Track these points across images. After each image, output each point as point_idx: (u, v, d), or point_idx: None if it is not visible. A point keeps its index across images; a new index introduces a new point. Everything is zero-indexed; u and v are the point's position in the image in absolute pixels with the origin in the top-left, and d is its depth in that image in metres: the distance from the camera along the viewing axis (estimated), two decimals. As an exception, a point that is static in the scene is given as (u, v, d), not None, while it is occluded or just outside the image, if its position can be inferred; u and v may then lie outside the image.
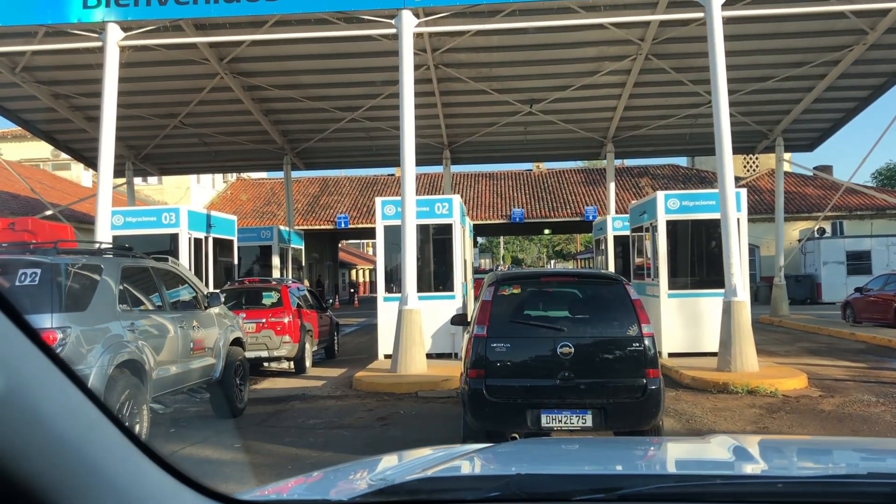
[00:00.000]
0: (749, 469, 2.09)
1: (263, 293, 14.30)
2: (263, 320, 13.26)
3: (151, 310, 8.15)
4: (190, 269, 14.46)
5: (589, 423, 6.28)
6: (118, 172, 23.69)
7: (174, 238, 14.46)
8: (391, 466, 2.17)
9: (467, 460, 2.17)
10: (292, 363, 13.75)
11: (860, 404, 9.48)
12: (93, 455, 1.05)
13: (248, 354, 12.45)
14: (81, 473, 1.03)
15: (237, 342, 9.91)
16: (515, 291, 6.96)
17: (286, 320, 13.32)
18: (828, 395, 10.14)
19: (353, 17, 13.70)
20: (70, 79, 17.97)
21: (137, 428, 7.09)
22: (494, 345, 6.46)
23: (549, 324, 6.77)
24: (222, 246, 16.50)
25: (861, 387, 10.74)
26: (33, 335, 0.99)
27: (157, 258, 8.99)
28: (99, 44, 12.71)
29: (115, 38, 12.60)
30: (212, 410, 9.37)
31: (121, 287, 7.43)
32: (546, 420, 6.29)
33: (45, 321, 6.27)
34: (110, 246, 8.64)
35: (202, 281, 15.25)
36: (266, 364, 13.85)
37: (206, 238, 15.59)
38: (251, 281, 15.54)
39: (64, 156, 27.00)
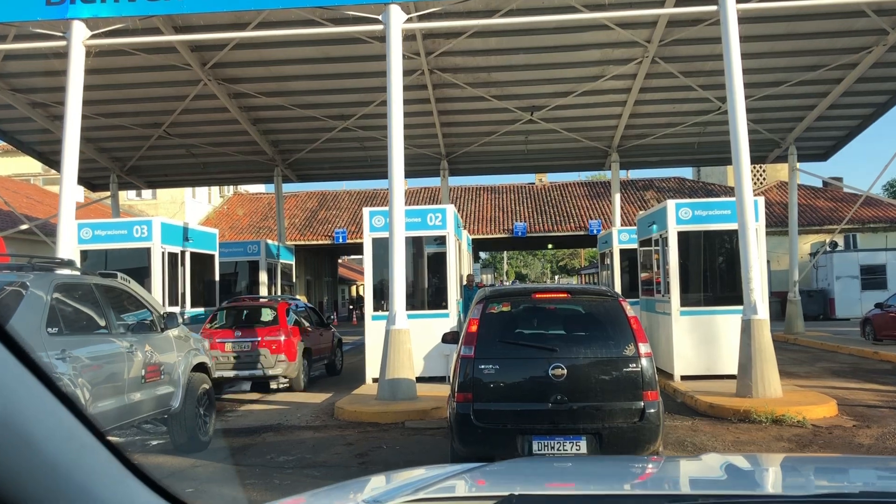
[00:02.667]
0: (738, 487, 2.09)
1: (261, 311, 14.22)
2: (259, 339, 13.08)
3: (93, 333, 7.14)
4: (163, 286, 13.50)
5: (583, 450, 5.91)
6: (103, 185, 22.94)
7: (147, 252, 13.46)
8: (380, 487, 2.10)
9: (459, 480, 2.13)
10: (290, 382, 13.44)
11: (903, 437, 8.41)
12: (84, 478, 1.06)
13: (243, 374, 13.20)
14: (73, 496, 1.03)
15: (201, 367, 8.82)
16: (505, 309, 6.42)
17: (281, 339, 13.09)
18: (863, 426, 9.05)
19: (339, 17, 12.83)
20: (46, 86, 17.01)
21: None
22: (483, 366, 6.04)
23: (540, 344, 6.29)
24: (202, 261, 15.47)
25: (899, 415, 9.66)
26: (26, 359, 1.01)
27: (103, 274, 8.08)
28: (63, 43, 11.81)
29: (80, 36, 11.70)
30: (171, 446, 8.32)
31: (52, 307, 6.41)
32: (538, 447, 5.92)
33: None
34: (46, 260, 7.64)
35: (179, 298, 14.27)
36: (273, 383, 13.50)
37: (183, 252, 14.58)
38: (250, 299, 15.43)
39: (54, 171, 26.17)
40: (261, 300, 15.19)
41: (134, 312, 8.08)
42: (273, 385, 13.44)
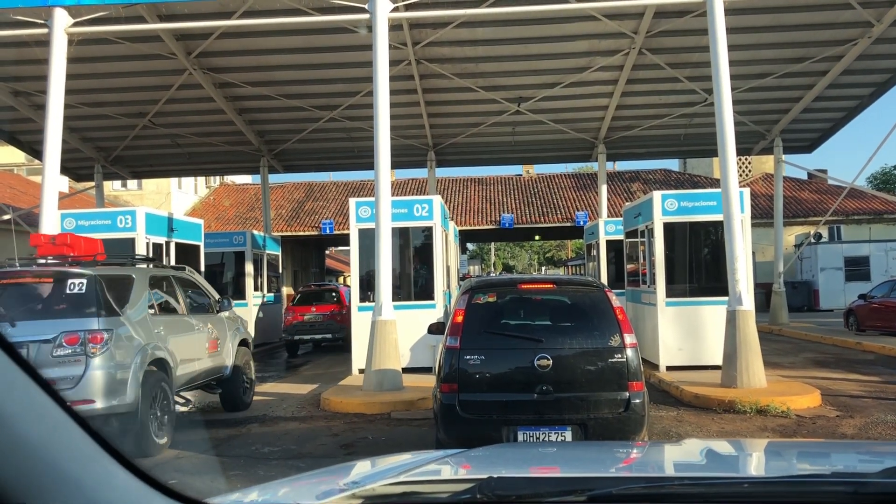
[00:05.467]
0: (717, 470, 2.13)
1: (327, 293, 19.85)
2: (328, 313, 18.43)
3: (174, 314, 9.08)
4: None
5: (569, 441, 5.89)
6: (87, 176, 22.73)
7: (131, 243, 13.33)
8: (364, 471, 2.14)
9: (441, 465, 2.16)
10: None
11: (885, 426, 8.47)
12: (57, 456, 1.05)
13: (317, 337, 18.57)
14: (45, 474, 1.03)
15: (244, 343, 10.80)
16: (491, 300, 6.38)
17: (343, 313, 17.82)
18: (846, 416, 9.12)
19: (325, 6, 12.72)
20: (29, 74, 16.76)
21: (167, 418, 8.09)
22: (468, 357, 6.03)
23: (526, 334, 6.29)
24: (187, 252, 15.35)
25: (881, 405, 9.73)
26: None
27: (175, 267, 10.36)
28: (45, 31, 11.66)
29: (62, 24, 11.57)
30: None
31: (149, 294, 8.38)
32: (523, 437, 5.94)
33: (92, 324, 7.23)
34: (136, 257, 9.91)
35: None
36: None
37: (168, 243, 14.47)
38: (318, 285, 22.00)
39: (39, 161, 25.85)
40: (327, 286, 21.07)
41: (197, 296, 9.94)
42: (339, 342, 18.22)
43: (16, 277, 7.71)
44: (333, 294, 19.60)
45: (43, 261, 8.34)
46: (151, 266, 9.24)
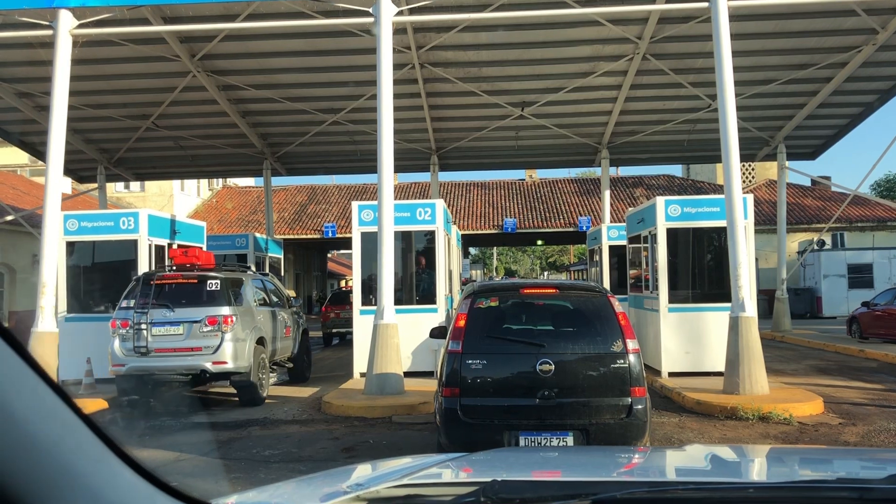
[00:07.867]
0: (721, 476, 2.13)
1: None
2: None
3: (265, 306, 12.32)
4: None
5: (570, 446, 5.87)
6: (90, 177, 22.75)
7: (134, 245, 13.32)
8: (367, 474, 2.14)
9: (444, 468, 2.15)
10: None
11: (888, 434, 8.43)
12: (65, 457, 1.06)
13: (351, 330, 19.47)
14: (54, 475, 1.04)
15: (305, 332, 14.11)
16: (493, 304, 6.35)
17: None
18: (849, 423, 9.08)
19: (329, 10, 12.74)
20: (33, 76, 16.83)
21: (265, 380, 11.60)
22: (470, 361, 6.01)
23: (528, 339, 6.25)
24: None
25: (884, 413, 9.68)
26: (7, 336, 1.01)
27: (263, 273, 14.17)
28: (50, 32, 11.68)
29: (66, 26, 11.58)
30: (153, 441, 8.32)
31: (253, 291, 11.92)
32: (524, 442, 5.89)
33: (225, 310, 10.59)
34: (240, 265, 13.65)
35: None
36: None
37: (170, 245, 14.46)
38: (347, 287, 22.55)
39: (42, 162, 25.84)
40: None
41: (277, 295, 13.10)
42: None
43: (173, 278, 11.05)
44: None
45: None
46: (247, 271, 12.76)
